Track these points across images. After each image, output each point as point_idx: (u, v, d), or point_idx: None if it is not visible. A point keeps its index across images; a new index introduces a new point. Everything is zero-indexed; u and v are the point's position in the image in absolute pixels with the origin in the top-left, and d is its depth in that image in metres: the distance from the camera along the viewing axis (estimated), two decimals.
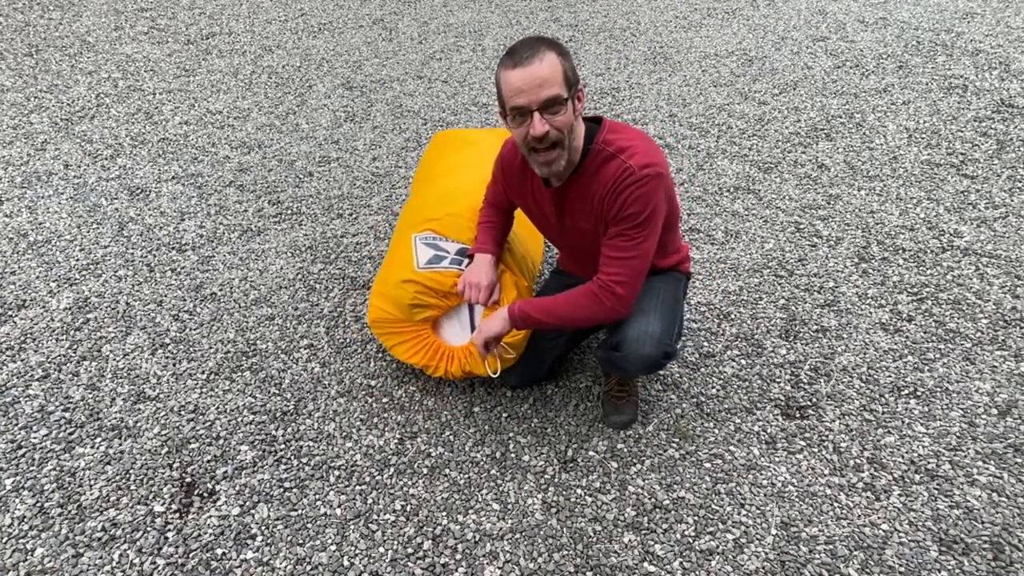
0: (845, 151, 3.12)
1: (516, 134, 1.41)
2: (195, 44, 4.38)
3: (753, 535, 1.55)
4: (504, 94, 1.37)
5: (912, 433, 1.79)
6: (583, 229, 1.57)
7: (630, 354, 1.56)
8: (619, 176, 1.41)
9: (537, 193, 1.62)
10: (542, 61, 1.31)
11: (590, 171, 1.46)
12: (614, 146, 1.44)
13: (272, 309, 2.24)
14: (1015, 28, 4.31)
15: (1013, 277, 2.32)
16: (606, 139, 1.45)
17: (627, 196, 1.40)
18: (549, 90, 1.31)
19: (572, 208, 1.55)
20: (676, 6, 5.08)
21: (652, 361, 1.57)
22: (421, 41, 4.51)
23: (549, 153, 1.39)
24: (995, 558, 1.48)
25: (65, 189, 2.85)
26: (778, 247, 2.51)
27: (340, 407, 1.88)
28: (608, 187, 1.43)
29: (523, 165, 1.59)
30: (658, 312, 1.57)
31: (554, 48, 1.34)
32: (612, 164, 1.43)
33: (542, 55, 1.31)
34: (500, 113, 1.45)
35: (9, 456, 1.72)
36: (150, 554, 1.50)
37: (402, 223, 2.00)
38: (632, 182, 1.39)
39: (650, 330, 1.54)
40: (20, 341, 2.09)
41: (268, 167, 3.06)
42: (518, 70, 1.32)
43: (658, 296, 1.60)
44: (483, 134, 2.38)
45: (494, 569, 1.48)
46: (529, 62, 1.31)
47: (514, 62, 1.32)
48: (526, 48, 1.32)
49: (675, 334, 1.64)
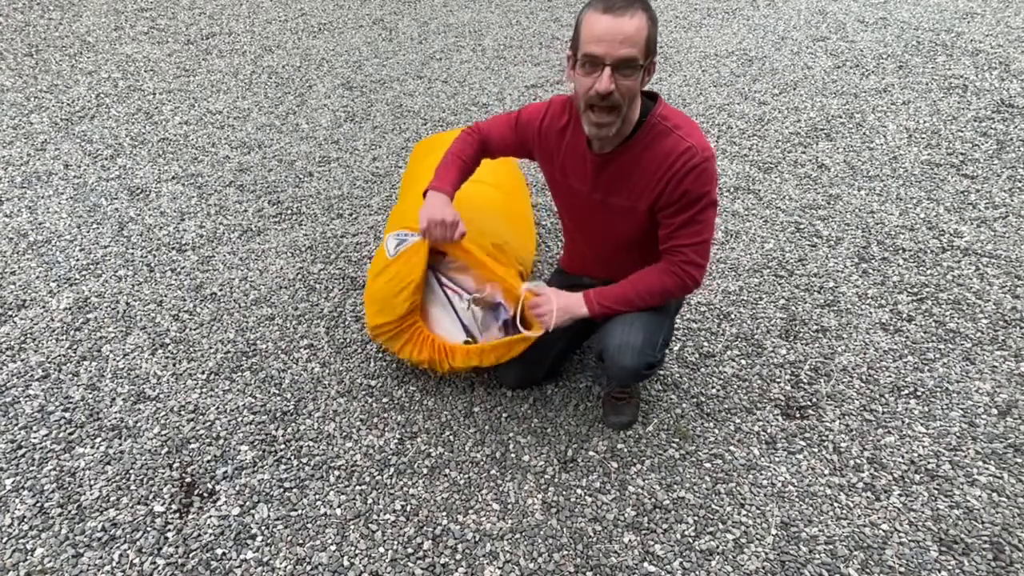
0: (845, 151, 3.12)
1: (580, 83, 1.33)
2: (195, 44, 4.38)
3: (753, 535, 1.55)
4: (582, 36, 1.29)
5: (912, 433, 1.79)
6: (615, 206, 1.50)
7: (612, 365, 1.56)
8: (682, 155, 1.36)
9: (575, 157, 1.52)
10: (632, 17, 1.24)
11: (643, 143, 1.41)
12: (671, 121, 1.39)
13: (272, 309, 2.24)
14: (1015, 28, 4.31)
15: (1013, 277, 2.32)
16: (663, 114, 1.40)
17: (694, 176, 1.37)
18: (629, 49, 1.25)
19: (612, 180, 1.48)
20: (676, 6, 5.08)
21: (633, 372, 1.55)
22: (421, 41, 4.51)
23: (606, 115, 1.33)
24: (995, 558, 1.48)
25: (65, 189, 2.85)
26: (778, 247, 2.51)
27: (340, 407, 1.88)
28: (668, 165, 1.38)
29: (567, 125, 1.52)
30: (642, 323, 1.53)
31: (648, 11, 1.27)
32: (669, 140, 1.38)
33: (634, 11, 1.24)
34: (569, 57, 1.37)
35: (9, 456, 1.72)
36: (150, 554, 1.50)
37: (385, 233, 2.01)
38: (697, 162, 1.36)
39: (631, 341, 1.52)
40: (20, 341, 2.09)
41: (268, 167, 3.06)
42: (607, 17, 1.24)
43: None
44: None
45: (494, 569, 1.48)
46: (621, 13, 1.23)
47: (605, 6, 1.24)
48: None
49: (659, 343, 1.58)
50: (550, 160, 1.60)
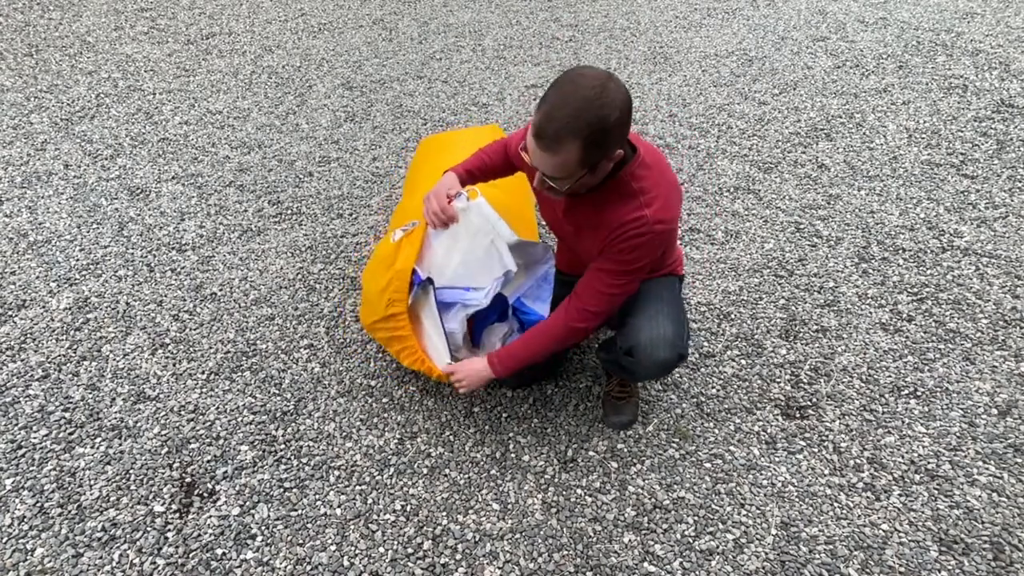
0: (845, 151, 3.12)
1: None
2: (195, 44, 4.38)
3: (753, 535, 1.55)
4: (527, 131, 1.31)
5: (912, 433, 1.79)
6: (585, 235, 1.54)
7: (644, 359, 1.54)
8: (630, 223, 1.38)
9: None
10: (555, 155, 1.24)
11: (609, 197, 1.42)
12: (638, 184, 1.39)
13: (272, 309, 2.24)
14: (1015, 28, 4.31)
15: (1013, 277, 2.32)
16: (634, 173, 1.39)
17: (630, 243, 1.39)
18: (553, 173, 1.29)
19: (580, 218, 1.52)
20: (676, 6, 5.08)
21: (667, 363, 1.55)
22: (421, 41, 4.51)
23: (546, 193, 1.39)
24: (995, 558, 1.48)
25: (65, 189, 2.85)
26: (778, 247, 2.51)
27: (340, 407, 1.88)
28: (615, 227, 1.40)
29: None
30: (666, 315, 1.56)
31: (580, 137, 1.20)
32: (629, 204, 1.39)
33: (557, 148, 1.22)
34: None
35: (9, 456, 1.72)
36: (150, 554, 1.50)
37: (389, 229, 2.01)
38: (641, 232, 1.37)
39: (663, 333, 1.53)
40: (20, 341, 2.09)
41: (268, 167, 3.05)
42: (535, 141, 1.25)
43: (661, 299, 1.59)
44: (464, 134, 2.37)
45: (494, 569, 1.48)
46: (545, 148, 1.24)
47: (536, 131, 1.24)
48: (550, 125, 1.21)
49: (685, 335, 1.62)
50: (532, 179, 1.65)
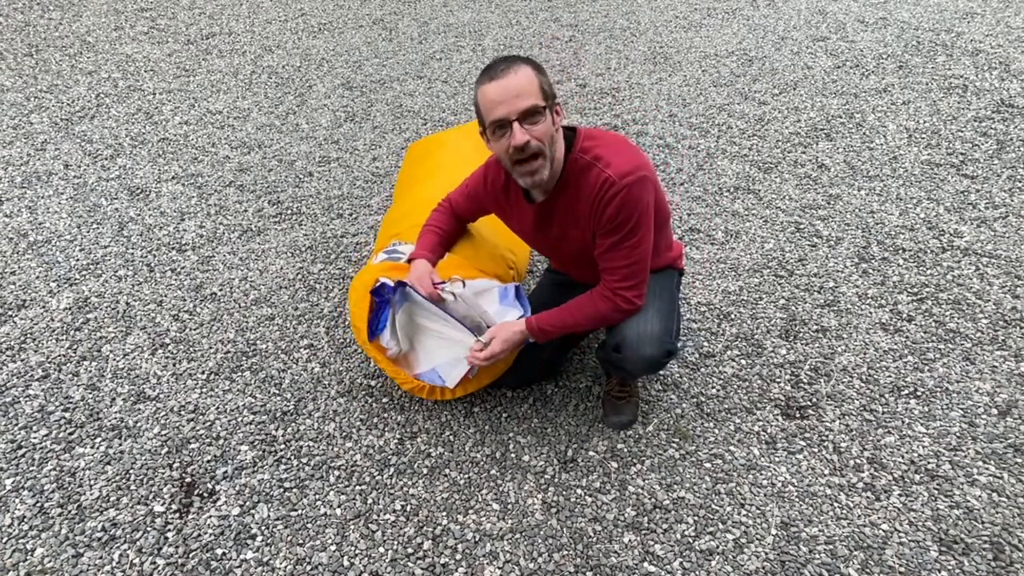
0: (845, 151, 3.11)
1: (498, 148, 1.41)
2: (195, 44, 4.38)
3: (753, 535, 1.55)
4: (483, 109, 1.38)
5: (912, 433, 1.79)
6: (573, 236, 1.55)
7: (631, 355, 1.56)
8: (600, 187, 1.40)
9: (520, 212, 1.62)
10: (517, 73, 1.33)
11: (572, 181, 1.46)
12: (591, 154, 1.43)
13: (272, 309, 2.24)
14: (1015, 28, 4.31)
15: (1013, 277, 2.31)
16: (583, 147, 1.45)
17: (613, 207, 1.40)
18: (526, 100, 1.33)
19: (560, 221, 1.54)
20: (676, 6, 5.08)
21: (654, 360, 1.57)
22: (421, 41, 4.51)
23: (532, 163, 1.39)
24: (995, 558, 1.48)
25: (65, 189, 2.85)
26: (778, 247, 2.51)
27: (340, 407, 1.88)
28: (591, 199, 1.42)
29: (506, 183, 1.60)
30: (655, 310, 1.57)
31: (529, 63, 1.37)
32: (591, 174, 1.42)
33: (517, 68, 1.34)
34: (480, 132, 1.45)
35: (9, 456, 1.72)
36: (150, 554, 1.50)
37: (376, 242, 2.00)
38: (615, 192, 1.39)
39: (650, 329, 1.54)
40: (20, 341, 2.09)
41: (268, 167, 3.06)
42: (494, 83, 1.34)
43: (654, 294, 1.60)
44: (452, 133, 2.37)
45: (494, 569, 1.48)
46: (504, 74, 1.33)
47: (490, 76, 1.35)
48: (501, 63, 1.36)
49: (675, 331, 1.63)
50: (504, 213, 1.70)
